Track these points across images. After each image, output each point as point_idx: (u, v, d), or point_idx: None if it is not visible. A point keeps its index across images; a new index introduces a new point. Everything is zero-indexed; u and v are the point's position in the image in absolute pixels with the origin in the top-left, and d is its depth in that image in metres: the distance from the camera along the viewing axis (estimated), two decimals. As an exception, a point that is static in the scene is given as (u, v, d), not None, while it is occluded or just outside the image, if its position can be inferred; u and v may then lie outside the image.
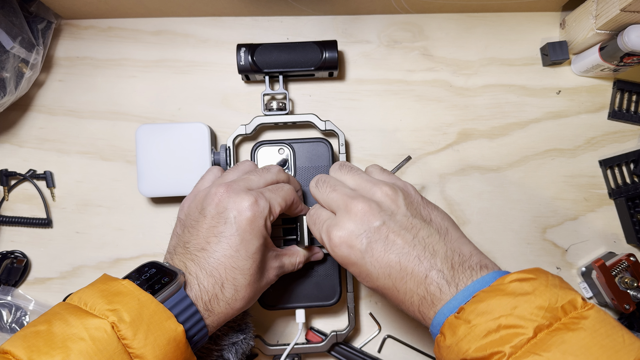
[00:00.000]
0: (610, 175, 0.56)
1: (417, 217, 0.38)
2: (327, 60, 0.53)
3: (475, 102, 0.57)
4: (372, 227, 0.37)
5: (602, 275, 0.51)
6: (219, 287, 0.38)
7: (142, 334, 0.33)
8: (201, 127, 0.53)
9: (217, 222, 0.39)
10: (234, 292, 0.39)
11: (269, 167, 0.45)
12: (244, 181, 0.42)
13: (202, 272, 0.38)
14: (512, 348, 0.30)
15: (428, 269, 0.36)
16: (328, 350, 0.53)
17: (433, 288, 0.35)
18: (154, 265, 0.38)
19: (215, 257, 0.39)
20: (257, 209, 0.39)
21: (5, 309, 0.54)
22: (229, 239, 0.39)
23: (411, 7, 0.57)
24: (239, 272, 0.39)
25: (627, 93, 0.57)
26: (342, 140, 0.53)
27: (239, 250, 0.39)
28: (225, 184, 0.41)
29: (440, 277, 0.35)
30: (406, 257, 0.36)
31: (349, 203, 0.38)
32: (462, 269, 0.36)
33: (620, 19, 0.48)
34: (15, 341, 0.32)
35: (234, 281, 0.39)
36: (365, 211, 0.38)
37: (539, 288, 0.32)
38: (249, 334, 0.47)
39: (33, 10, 0.54)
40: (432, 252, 0.36)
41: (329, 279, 0.52)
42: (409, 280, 0.36)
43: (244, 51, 0.53)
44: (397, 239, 0.37)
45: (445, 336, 0.33)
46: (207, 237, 0.39)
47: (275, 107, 0.54)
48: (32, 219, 0.55)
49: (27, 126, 0.57)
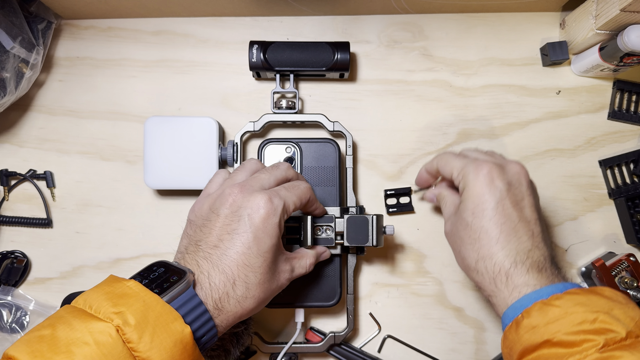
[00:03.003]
0: (610, 175, 0.56)
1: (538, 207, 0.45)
2: (338, 62, 0.53)
3: (475, 102, 0.57)
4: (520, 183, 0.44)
5: (602, 275, 0.51)
6: (230, 285, 0.38)
7: (147, 337, 0.32)
8: (210, 122, 0.53)
9: (231, 220, 0.39)
10: (245, 290, 0.39)
11: (278, 165, 0.45)
12: (256, 180, 0.42)
13: (214, 269, 0.38)
14: (606, 340, 0.33)
15: (535, 245, 0.41)
16: (327, 350, 0.53)
17: (530, 264, 0.40)
18: (163, 264, 0.38)
19: (227, 254, 0.38)
20: (271, 207, 0.39)
21: (6, 309, 0.54)
22: (241, 236, 0.39)
23: (411, 7, 0.57)
24: (250, 269, 0.39)
25: (627, 93, 0.57)
26: (350, 141, 0.53)
27: (251, 247, 0.38)
28: (239, 185, 0.41)
29: (542, 259, 0.41)
30: (525, 222, 0.42)
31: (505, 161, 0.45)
32: (554, 267, 0.41)
33: (620, 19, 0.48)
34: (19, 346, 0.31)
35: (245, 279, 0.39)
36: (520, 169, 0.44)
37: (631, 302, 0.37)
38: (249, 323, 0.47)
39: (33, 11, 0.54)
40: (543, 237, 0.42)
41: (329, 280, 0.52)
42: (514, 241, 0.41)
43: (256, 48, 0.53)
44: (527, 200, 0.43)
45: (532, 316, 0.36)
46: (220, 235, 0.39)
47: (284, 105, 0.54)
48: (32, 219, 0.55)
49: (27, 126, 0.57)
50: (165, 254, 0.56)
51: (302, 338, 0.54)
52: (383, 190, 0.56)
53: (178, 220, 0.56)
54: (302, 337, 0.54)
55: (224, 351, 0.46)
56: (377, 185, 0.57)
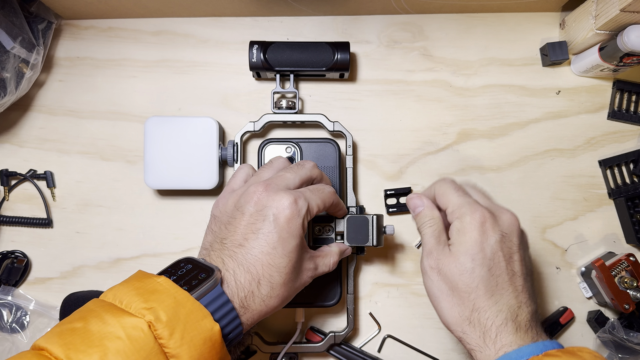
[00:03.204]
0: (610, 175, 0.56)
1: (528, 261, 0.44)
2: (338, 62, 0.53)
3: (475, 102, 0.57)
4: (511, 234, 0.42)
5: (602, 275, 0.51)
6: (255, 284, 0.38)
7: (178, 333, 0.32)
8: (210, 122, 0.53)
9: (256, 219, 0.39)
10: (269, 289, 0.39)
11: (303, 163, 0.45)
12: (281, 179, 0.42)
13: (239, 268, 0.38)
14: None
15: (523, 302, 0.40)
16: (327, 350, 0.53)
17: (518, 323, 0.39)
18: (190, 261, 0.38)
19: (252, 253, 0.38)
20: (295, 208, 0.39)
21: (6, 308, 0.54)
22: (267, 236, 0.39)
23: (411, 8, 0.57)
24: (275, 269, 0.39)
25: (627, 93, 0.57)
26: (350, 142, 0.53)
27: (276, 247, 0.38)
28: (264, 183, 0.41)
29: (529, 317, 0.40)
30: (514, 277, 0.41)
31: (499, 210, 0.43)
32: (538, 324, 0.41)
33: (620, 19, 0.48)
34: (51, 338, 0.31)
35: (270, 278, 0.39)
36: (514, 220, 0.43)
37: None
38: None
39: (33, 11, 0.54)
40: (530, 291, 0.42)
41: (330, 280, 0.52)
42: (505, 295, 0.40)
43: (256, 48, 0.53)
44: (517, 255, 0.42)
45: None
46: (245, 233, 0.39)
47: (284, 105, 0.54)
48: (32, 219, 0.56)
49: (28, 126, 0.57)
50: (166, 254, 0.56)
51: (302, 338, 0.54)
52: (383, 190, 0.56)
53: (178, 220, 0.56)
54: (302, 337, 0.54)
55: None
56: (377, 185, 0.57)
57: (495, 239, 0.41)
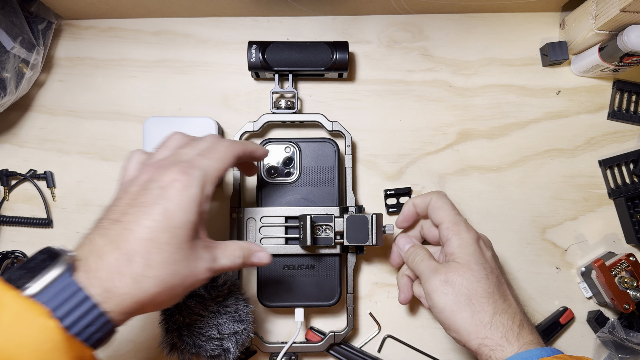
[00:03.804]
0: (610, 175, 0.56)
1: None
2: (337, 61, 0.53)
3: (475, 102, 0.57)
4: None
5: (602, 275, 0.51)
6: (124, 260, 0.32)
7: (3, 342, 0.28)
8: (209, 122, 0.53)
9: (138, 194, 0.35)
10: (143, 267, 0.33)
11: (204, 137, 0.41)
12: (175, 156, 0.38)
13: (109, 245, 0.33)
14: None
15: (519, 310, 0.44)
16: (327, 350, 0.53)
17: (526, 322, 0.42)
18: (46, 250, 0.33)
19: (129, 227, 0.33)
20: (186, 178, 0.35)
21: (5, 308, 0.54)
22: (148, 208, 0.34)
23: (411, 8, 0.57)
24: (154, 244, 0.33)
25: (627, 93, 0.57)
26: (349, 141, 0.53)
27: (157, 220, 0.34)
28: (156, 163, 0.37)
29: (524, 323, 0.42)
30: (510, 288, 0.45)
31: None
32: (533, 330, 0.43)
33: (620, 19, 0.48)
34: None
35: (146, 254, 0.33)
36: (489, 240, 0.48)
37: None
38: (249, 324, 0.47)
39: (33, 11, 0.54)
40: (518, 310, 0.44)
41: (329, 279, 0.52)
42: (510, 298, 0.43)
43: (254, 48, 0.53)
44: (502, 271, 0.46)
45: None
46: (125, 209, 0.35)
47: (283, 105, 0.54)
48: (32, 219, 0.56)
49: (28, 126, 0.57)
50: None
51: (302, 338, 0.54)
52: (383, 190, 0.56)
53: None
54: (302, 337, 0.54)
55: (224, 351, 0.46)
56: (376, 185, 0.57)
57: (490, 254, 0.45)
